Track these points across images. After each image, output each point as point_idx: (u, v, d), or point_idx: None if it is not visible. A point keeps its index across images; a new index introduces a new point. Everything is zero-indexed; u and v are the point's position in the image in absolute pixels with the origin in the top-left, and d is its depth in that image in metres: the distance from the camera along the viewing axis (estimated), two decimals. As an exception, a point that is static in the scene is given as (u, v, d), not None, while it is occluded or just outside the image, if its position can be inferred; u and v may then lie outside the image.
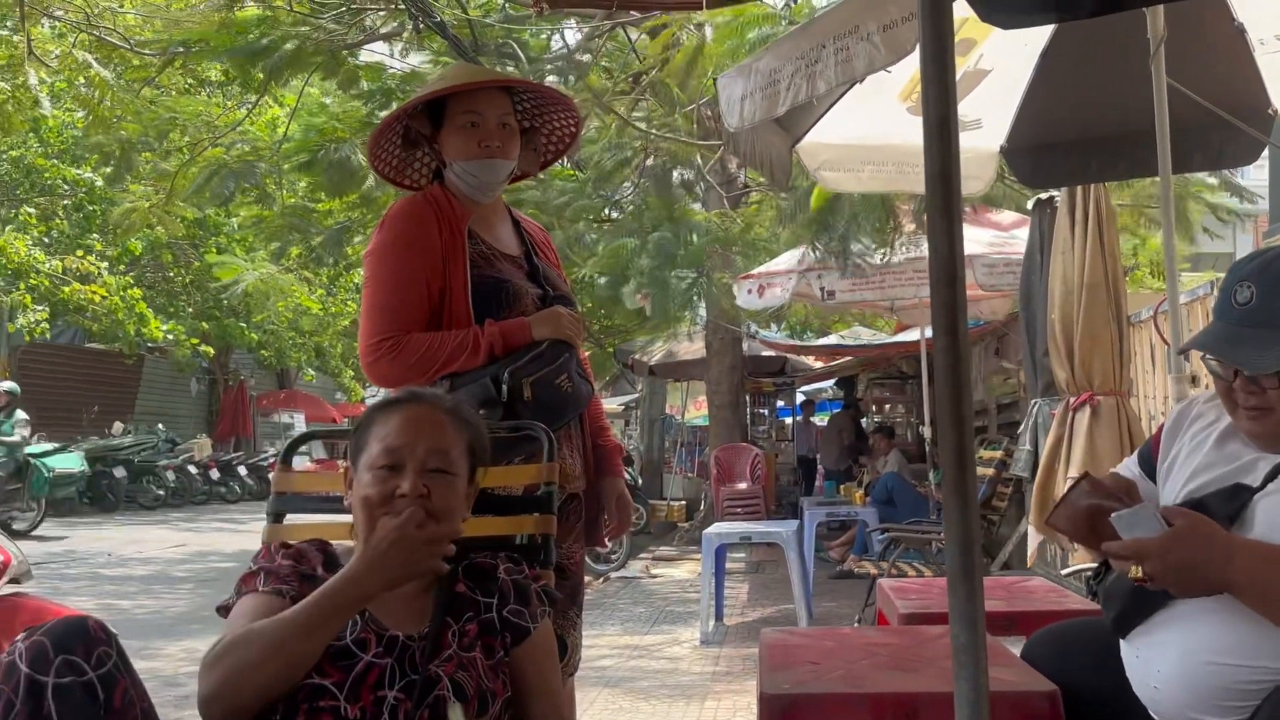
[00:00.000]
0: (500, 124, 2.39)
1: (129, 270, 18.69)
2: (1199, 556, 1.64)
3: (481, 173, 2.39)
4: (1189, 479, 1.86)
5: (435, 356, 2.26)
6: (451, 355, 2.26)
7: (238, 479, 19.90)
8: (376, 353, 2.28)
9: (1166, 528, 1.67)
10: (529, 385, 2.24)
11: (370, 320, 2.32)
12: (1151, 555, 1.66)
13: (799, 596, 6.25)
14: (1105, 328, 4.52)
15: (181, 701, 4.88)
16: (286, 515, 2.14)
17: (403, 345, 2.27)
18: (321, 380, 29.15)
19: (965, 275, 1.58)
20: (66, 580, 8.86)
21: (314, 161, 8.53)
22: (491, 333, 2.28)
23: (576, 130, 2.62)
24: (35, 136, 16.17)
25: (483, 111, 2.38)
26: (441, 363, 2.27)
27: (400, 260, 2.31)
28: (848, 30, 2.55)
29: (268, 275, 10.52)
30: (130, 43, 8.93)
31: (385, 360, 2.27)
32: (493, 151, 2.38)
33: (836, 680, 2.01)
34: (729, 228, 9.28)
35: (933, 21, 1.55)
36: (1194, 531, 1.66)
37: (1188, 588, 1.68)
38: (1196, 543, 1.65)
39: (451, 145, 2.40)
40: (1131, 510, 1.72)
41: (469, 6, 8.65)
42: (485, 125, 2.37)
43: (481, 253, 2.38)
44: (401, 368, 2.27)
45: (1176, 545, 1.65)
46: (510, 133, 2.42)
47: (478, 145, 2.37)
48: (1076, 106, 4.13)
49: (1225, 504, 1.75)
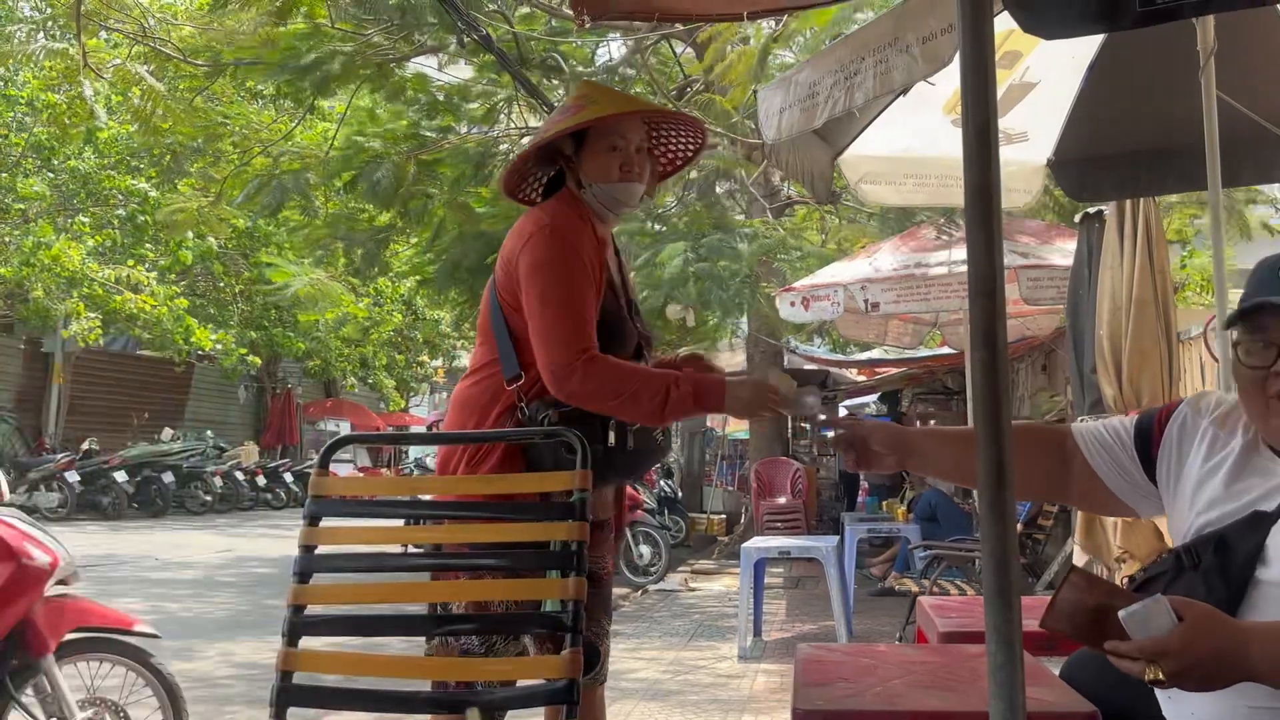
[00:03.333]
0: (638, 149, 2.43)
1: (180, 280, 19.04)
2: (1220, 647, 1.52)
3: (622, 196, 2.41)
4: (1204, 510, 1.77)
5: (626, 385, 2.20)
6: (638, 395, 2.19)
7: (284, 485, 20.15)
8: (574, 366, 2.18)
9: (1179, 622, 1.52)
10: (633, 435, 2.24)
11: (562, 330, 2.21)
12: (1171, 654, 1.51)
13: (839, 613, 6.19)
14: (1154, 344, 4.44)
15: (221, 702, 4.94)
16: (323, 519, 2.16)
17: (596, 363, 2.19)
18: (365, 390, 29.47)
19: (1005, 289, 1.55)
20: (114, 583, 9.01)
21: (359, 179, 8.69)
22: (685, 394, 2.20)
23: (699, 147, 2.63)
24: (90, 147, 16.55)
25: (627, 136, 2.40)
26: (629, 395, 2.19)
27: (576, 273, 2.26)
28: (887, 42, 2.54)
29: (317, 280, 10.69)
30: (183, 53, 9.13)
31: (582, 375, 2.18)
32: (633, 176, 2.40)
33: (871, 698, 1.98)
34: (773, 236, 9.27)
35: (973, 31, 1.54)
36: (1210, 620, 1.54)
37: (1210, 684, 1.54)
38: (1215, 634, 1.53)
39: (593, 167, 2.39)
40: (1142, 606, 1.55)
41: (514, 20, 8.73)
42: (628, 150, 2.40)
43: (610, 280, 2.38)
44: (594, 385, 2.19)
45: (1196, 639, 1.51)
46: (645, 158, 2.46)
47: (619, 169, 2.39)
48: (1124, 119, 4.08)
49: (1246, 535, 1.66)
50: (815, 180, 3.79)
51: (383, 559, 2.16)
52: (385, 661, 2.21)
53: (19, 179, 15.82)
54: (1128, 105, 4.04)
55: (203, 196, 9.80)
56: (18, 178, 15.80)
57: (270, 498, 19.86)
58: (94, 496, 15.86)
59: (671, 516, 12.74)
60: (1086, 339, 4.99)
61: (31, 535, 3.31)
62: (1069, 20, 1.68)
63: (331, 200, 10.42)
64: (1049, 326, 8.61)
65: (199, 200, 9.75)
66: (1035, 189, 4.57)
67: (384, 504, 2.26)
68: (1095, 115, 4.07)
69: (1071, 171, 4.36)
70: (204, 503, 17.76)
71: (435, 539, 2.28)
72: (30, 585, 3.22)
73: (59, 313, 16.42)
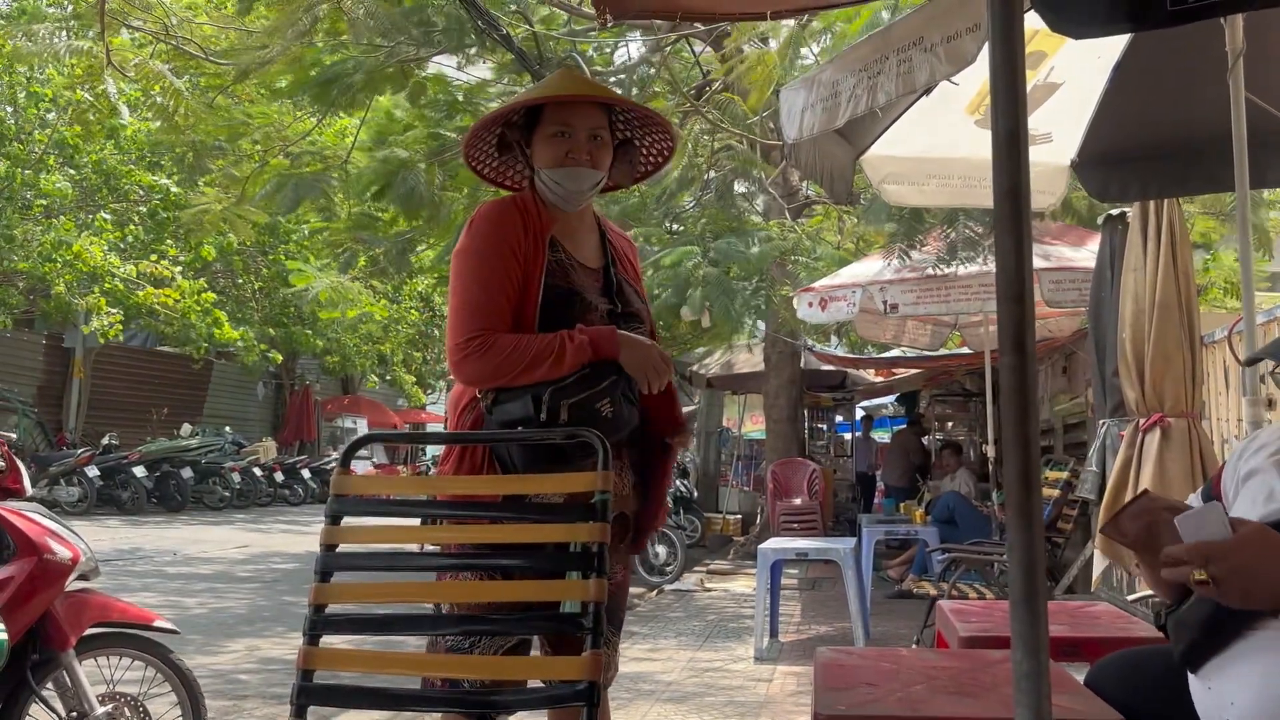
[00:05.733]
0: (591, 136, 2.40)
1: (199, 276, 19.15)
2: (1269, 560, 1.56)
3: (565, 181, 2.39)
4: (1266, 501, 1.79)
5: (521, 358, 2.24)
6: (536, 358, 2.23)
7: (302, 482, 20.25)
8: (464, 351, 2.27)
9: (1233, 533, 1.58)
10: (566, 408, 2.22)
11: (458, 318, 2.30)
12: (1218, 557, 1.56)
13: (856, 616, 6.16)
14: (1177, 348, 4.40)
15: (239, 698, 4.96)
16: (345, 518, 2.16)
17: (490, 344, 2.25)
18: (384, 386, 29.59)
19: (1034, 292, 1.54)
20: (134, 577, 9.07)
21: (387, 189, 8.73)
22: (581, 342, 2.26)
23: (671, 149, 2.61)
24: (113, 144, 16.66)
25: (573, 123, 2.39)
26: (527, 364, 2.23)
27: (487, 260, 2.31)
28: (911, 42, 2.52)
29: (337, 283, 10.73)
30: (206, 53, 9.17)
31: (474, 358, 2.26)
32: (579, 162, 2.38)
33: (894, 703, 1.97)
34: (789, 237, 9.24)
35: (1003, 33, 1.52)
36: (1263, 536, 1.58)
37: (1251, 595, 1.58)
38: (1267, 548, 1.57)
39: (540, 153, 2.41)
40: (1198, 511, 1.62)
41: (534, 20, 8.73)
42: (574, 136, 2.39)
43: (560, 261, 2.38)
44: (489, 367, 2.25)
45: (1246, 547, 1.56)
46: (601, 145, 2.42)
47: (564, 155, 2.38)
48: (1149, 120, 4.05)
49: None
50: (835, 181, 3.77)
51: (403, 558, 2.16)
52: (406, 659, 2.21)
53: (42, 175, 15.94)
54: (1153, 105, 4.00)
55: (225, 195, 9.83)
56: (40, 174, 15.92)
57: (288, 494, 19.97)
58: (113, 491, 15.97)
59: (687, 516, 12.73)
60: (1109, 341, 4.95)
61: (53, 530, 3.33)
62: (1098, 19, 1.67)
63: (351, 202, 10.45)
64: (1069, 328, 8.56)
65: (223, 200, 9.78)
66: (1059, 190, 4.54)
67: (405, 504, 2.26)
68: (1120, 116, 4.04)
69: (1095, 172, 4.32)
70: (222, 498, 17.86)
71: (456, 539, 2.28)
72: (52, 580, 3.24)
73: (80, 308, 16.54)
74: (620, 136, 2.52)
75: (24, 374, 19.04)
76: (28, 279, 16.20)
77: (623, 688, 4.94)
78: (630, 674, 5.35)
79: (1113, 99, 3.99)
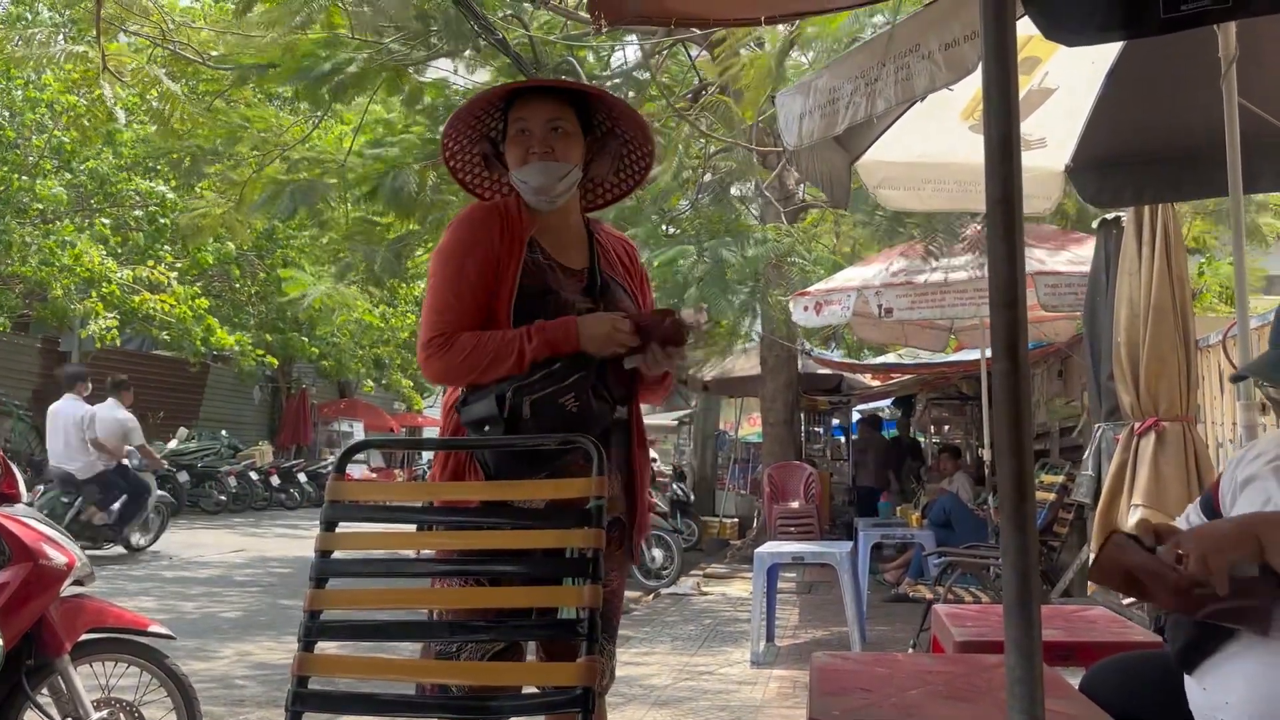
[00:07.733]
0: (550, 128, 2.38)
1: (196, 281, 19.11)
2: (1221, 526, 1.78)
3: (530, 178, 2.38)
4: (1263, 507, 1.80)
5: (481, 355, 2.26)
6: (497, 356, 2.25)
7: (298, 486, 20.20)
8: (428, 350, 2.32)
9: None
10: (529, 404, 2.22)
11: (426, 318, 2.36)
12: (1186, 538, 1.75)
13: (852, 619, 6.16)
14: (1172, 352, 4.41)
15: (235, 703, 4.95)
16: (339, 524, 2.16)
17: (452, 343, 2.29)
18: (380, 390, 29.54)
19: (1027, 297, 1.55)
20: (131, 581, 9.06)
21: (377, 190, 8.73)
22: (537, 339, 2.26)
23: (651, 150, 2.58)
24: (110, 149, 16.64)
25: (527, 117, 2.39)
26: (489, 362, 2.26)
27: (460, 262, 2.33)
28: (909, 48, 2.52)
29: (333, 290, 10.72)
30: (203, 57, 9.17)
31: (435, 357, 2.30)
32: (540, 155, 2.37)
33: (889, 708, 1.97)
34: (784, 241, 9.24)
35: (995, 38, 1.53)
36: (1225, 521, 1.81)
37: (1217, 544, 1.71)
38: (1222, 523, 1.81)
39: (509, 157, 2.43)
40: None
41: (530, 25, 8.74)
42: (532, 131, 2.38)
43: (538, 262, 2.38)
44: (450, 366, 2.29)
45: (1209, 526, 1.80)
46: (564, 136, 2.39)
47: (526, 153, 2.38)
48: (1143, 125, 4.06)
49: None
50: (834, 186, 3.78)
51: (399, 564, 2.16)
52: (402, 665, 2.21)
53: (38, 180, 15.91)
54: (1147, 111, 4.01)
55: (223, 201, 9.82)
56: (37, 179, 15.90)
57: (284, 498, 19.91)
58: (109, 496, 15.89)
59: (684, 520, 12.73)
60: (1104, 346, 4.96)
61: (48, 536, 3.33)
62: (1091, 27, 1.68)
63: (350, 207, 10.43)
64: (1066, 332, 8.57)
65: (221, 205, 9.77)
66: (1054, 195, 4.54)
67: (401, 509, 2.26)
68: (1114, 121, 4.05)
69: (1090, 177, 4.33)
70: (218, 502, 17.81)
71: (452, 545, 2.27)
72: (47, 586, 3.24)
73: (77, 312, 16.51)
74: (604, 128, 2.51)
75: (19, 378, 18.98)
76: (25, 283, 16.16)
77: (615, 691, 4.93)
78: (624, 677, 5.34)
79: (1107, 104, 4.00)
